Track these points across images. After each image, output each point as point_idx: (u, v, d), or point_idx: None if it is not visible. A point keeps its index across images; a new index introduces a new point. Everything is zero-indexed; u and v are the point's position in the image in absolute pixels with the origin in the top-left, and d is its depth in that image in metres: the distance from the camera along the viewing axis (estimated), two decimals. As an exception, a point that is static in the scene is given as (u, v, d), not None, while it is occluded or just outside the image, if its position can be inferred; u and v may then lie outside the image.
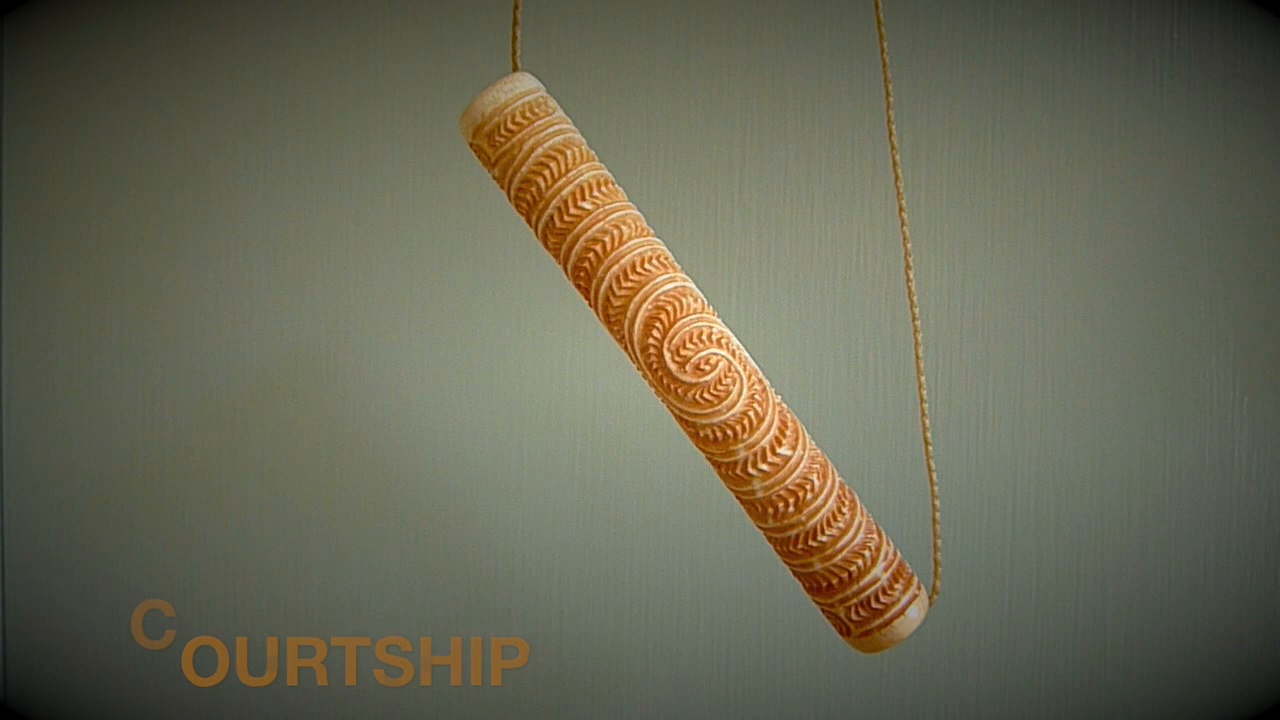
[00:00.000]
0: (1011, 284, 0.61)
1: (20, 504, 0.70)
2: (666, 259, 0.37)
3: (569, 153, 0.37)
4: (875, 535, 0.38)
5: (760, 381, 0.36)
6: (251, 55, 0.67)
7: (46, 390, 0.69)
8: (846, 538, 0.36)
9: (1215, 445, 0.59)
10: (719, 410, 0.35)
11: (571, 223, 0.36)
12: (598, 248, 0.36)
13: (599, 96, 0.63)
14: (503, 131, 0.36)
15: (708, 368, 0.35)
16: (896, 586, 0.37)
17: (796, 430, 0.36)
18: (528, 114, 0.37)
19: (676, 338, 0.35)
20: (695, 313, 0.36)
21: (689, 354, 0.35)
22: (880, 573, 0.37)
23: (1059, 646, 0.61)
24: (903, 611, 0.37)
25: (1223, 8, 0.59)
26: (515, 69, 0.38)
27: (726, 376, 0.35)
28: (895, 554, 0.38)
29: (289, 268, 0.67)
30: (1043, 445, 0.60)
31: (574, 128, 0.38)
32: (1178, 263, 0.59)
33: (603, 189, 0.37)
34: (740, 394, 0.35)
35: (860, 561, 0.36)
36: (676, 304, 0.36)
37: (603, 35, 0.64)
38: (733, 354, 0.36)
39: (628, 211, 0.37)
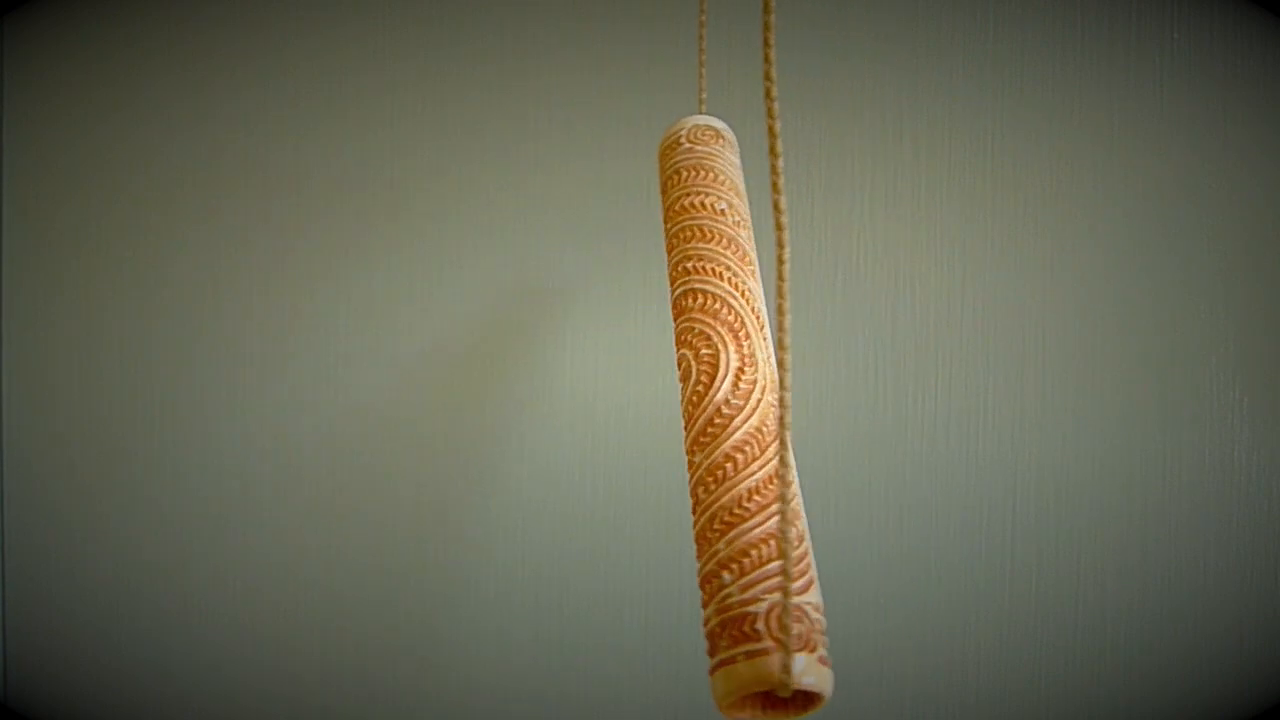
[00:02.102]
0: (1011, 284, 0.61)
1: (20, 504, 0.70)
2: (698, 265, 0.39)
3: (670, 180, 0.42)
4: (729, 574, 0.31)
5: (709, 382, 0.35)
6: (250, 55, 0.67)
7: (46, 390, 0.69)
8: (700, 564, 0.32)
9: (1215, 445, 0.59)
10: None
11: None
12: (666, 264, 0.40)
13: (599, 95, 0.63)
14: (660, 164, 0.44)
15: (679, 367, 0.36)
16: (721, 641, 0.29)
17: (716, 437, 0.33)
18: (666, 151, 0.43)
19: (676, 339, 0.38)
20: (686, 313, 0.37)
21: (676, 352, 0.37)
22: (711, 615, 0.30)
23: (1059, 646, 0.61)
24: (712, 670, 0.29)
25: (1223, 8, 0.59)
26: (701, 111, 0.46)
27: (685, 378, 0.36)
28: (747, 606, 0.30)
29: (289, 266, 0.67)
30: (1043, 445, 0.60)
31: (690, 155, 0.42)
32: (1178, 263, 0.59)
33: (679, 204, 0.40)
34: (684, 393, 0.36)
35: (704, 593, 0.31)
36: (677, 307, 0.38)
37: (604, 33, 0.64)
38: (696, 355, 0.36)
39: (686, 224, 0.40)
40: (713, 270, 0.38)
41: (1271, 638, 0.59)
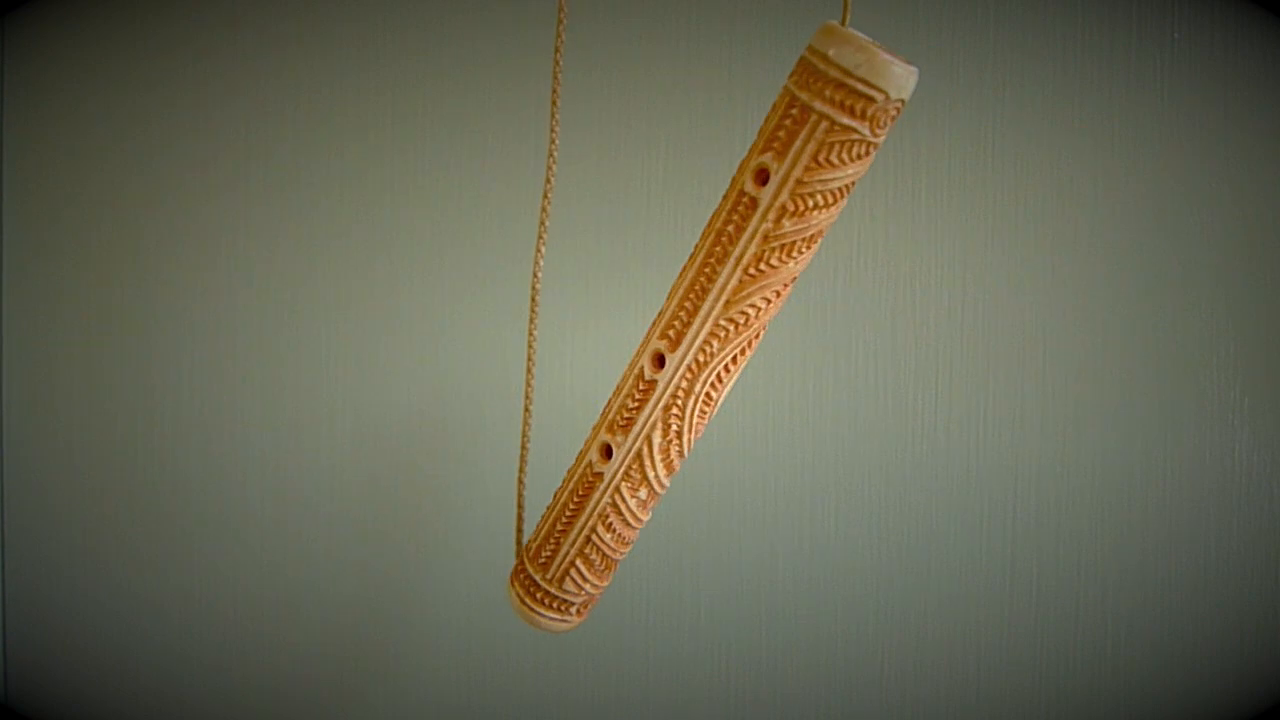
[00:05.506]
0: (1011, 284, 0.61)
1: (20, 504, 0.70)
2: (706, 246, 0.35)
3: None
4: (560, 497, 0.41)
5: (645, 381, 0.36)
6: (252, 54, 0.67)
7: (46, 390, 0.69)
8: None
9: (1215, 445, 0.59)
10: None
11: None
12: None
13: (601, 91, 0.63)
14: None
15: None
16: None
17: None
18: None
19: None
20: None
21: None
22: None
23: (1059, 646, 0.61)
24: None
25: (1223, 8, 0.59)
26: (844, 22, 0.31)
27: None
28: (557, 526, 0.41)
29: (288, 265, 0.67)
30: (1043, 445, 0.60)
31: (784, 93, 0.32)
32: (1178, 263, 0.59)
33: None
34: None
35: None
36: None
37: (608, 31, 0.64)
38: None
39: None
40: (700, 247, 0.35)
41: (1271, 638, 0.59)
